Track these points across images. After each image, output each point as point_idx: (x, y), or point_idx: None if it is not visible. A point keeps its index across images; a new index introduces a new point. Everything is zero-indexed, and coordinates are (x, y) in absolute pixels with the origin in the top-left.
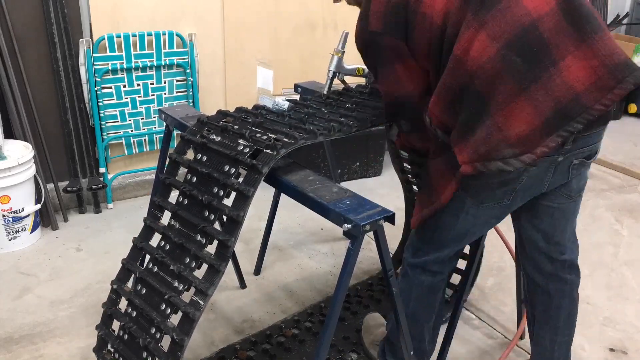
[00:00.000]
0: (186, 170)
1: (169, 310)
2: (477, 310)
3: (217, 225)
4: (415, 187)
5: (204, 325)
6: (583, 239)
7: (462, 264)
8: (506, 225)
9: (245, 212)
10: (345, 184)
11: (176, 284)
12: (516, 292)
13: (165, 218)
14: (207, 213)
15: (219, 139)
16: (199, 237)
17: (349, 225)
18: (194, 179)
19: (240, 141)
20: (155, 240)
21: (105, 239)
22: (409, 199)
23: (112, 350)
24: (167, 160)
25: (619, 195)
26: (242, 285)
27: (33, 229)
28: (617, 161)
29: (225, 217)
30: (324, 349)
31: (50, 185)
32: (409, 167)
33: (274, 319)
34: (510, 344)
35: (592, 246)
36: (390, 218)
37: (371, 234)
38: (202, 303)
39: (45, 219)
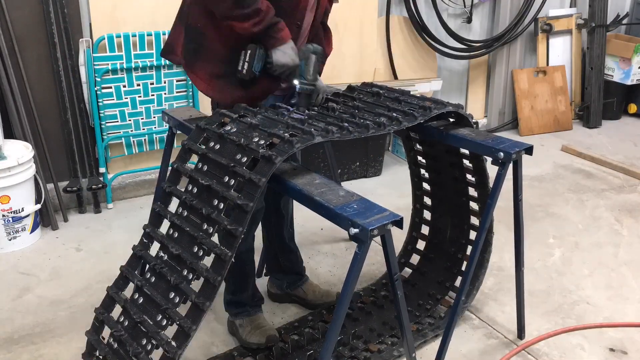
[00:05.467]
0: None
1: (164, 322)
2: (477, 310)
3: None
4: (425, 185)
5: (203, 325)
6: (583, 239)
7: (462, 264)
8: (506, 225)
9: (244, 227)
10: (345, 184)
11: (172, 295)
12: (516, 292)
13: (166, 225)
14: (205, 225)
15: (218, 146)
16: (195, 249)
17: (357, 230)
18: (195, 190)
19: (238, 150)
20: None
21: (105, 239)
22: (418, 197)
23: (100, 357)
24: (169, 168)
25: (619, 195)
26: None
27: (33, 229)
28: (617, 161)
29: (224, 231)
30: (328, 351)
31: (50, 185)
32: (424, 160)
33: (273, 318)
34: (516, 348)
35: (592, 246)
36: (398, 222)
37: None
38: (196, 318)
39: (45, 219)
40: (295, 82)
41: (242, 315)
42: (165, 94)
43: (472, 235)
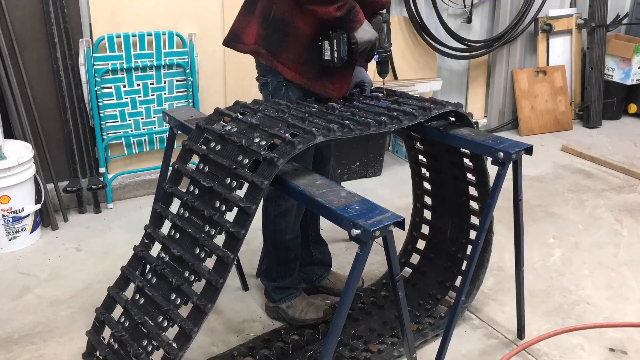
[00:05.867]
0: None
1: (165, 323)
2: (477, 310)
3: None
4: (426, 184)
5: (204, 325)
6: (583, 239)
7: (462, 263)
8: (506, 225)
9: (247, 229)
10: (345, 184)
11: (174, 297)
12: (516, 292)
13: (166, 226)
14: (207, 227)
15: (219, 147)
16: (197, 251)
17: (358, 231)
18: (196, 191)
19: (239, 151)
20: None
21: (105, 239)
22: (418, 196)
23: (100, 357)
24: (170, 169)
25: (619, 195)
26: (245, 287)
27: (33, 229)
28: (617, 161)
29: (225, 233)
30: (329, 351)
31: (50, 185)
32: (425, 159)
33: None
34: (516, 348)
35: (592, 246)
36: (400, 223)
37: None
38: (198, 320)
39: (45, 219)
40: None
41: (289, 298)
42: (165, 94)
43: (472, 234)
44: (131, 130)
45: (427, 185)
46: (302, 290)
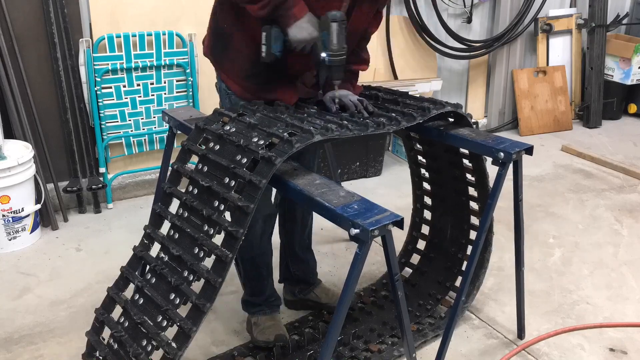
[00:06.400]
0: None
1: (165, 323)
2: (477, 310)
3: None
4: (426, 184)
5: (203, 325)
6: (583, 239)
7: (463, 264)
8: (506, 225)
9: (245, 228)
10: (345, 184)
11: (173, 296)
12: (516, 292)
13: (165, 226)
14: (206, 226)
15: (218, 147)
16: (196, 251)
17: (357, 230)
18: (195, 191)
19: (238, 151)
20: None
21: (105, 239)
22: (418, 196)
23: (100, 357)
24: (169, 169)
25: (619, 195)
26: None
27: (33, 229)
28: (617, 161)
29: (224, 232)
30: (328, 351)
31: (50, 185)
32: (424, 160)
33: None
34: (516, 348)
35: (592, 246)
36: (399, 223)
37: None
38: (197, 319)
39: (45, 219)
40: (323, 54)
41: (258, 314)
42: (165, 94)
43: (473, 234)
44: (131, 130)
45: (427, 185)
46: (275, 309)
